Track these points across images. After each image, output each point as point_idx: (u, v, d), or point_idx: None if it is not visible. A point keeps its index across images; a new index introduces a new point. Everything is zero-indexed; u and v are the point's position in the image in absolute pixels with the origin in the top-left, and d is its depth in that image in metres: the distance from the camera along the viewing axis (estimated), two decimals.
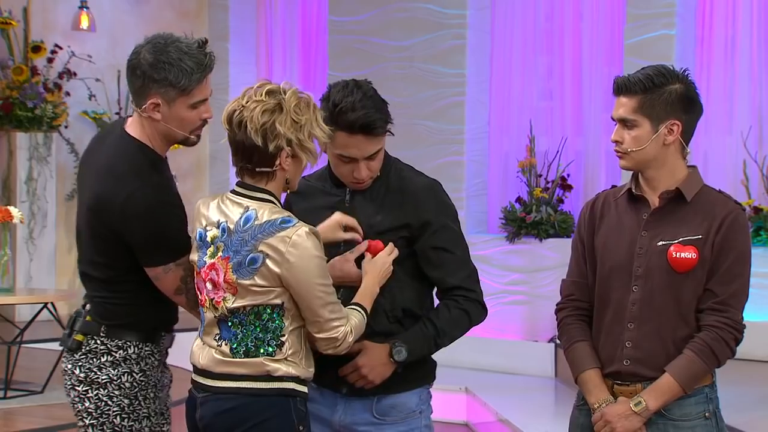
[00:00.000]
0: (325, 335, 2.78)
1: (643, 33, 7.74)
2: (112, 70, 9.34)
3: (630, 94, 2.94)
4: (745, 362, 6.97)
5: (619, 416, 2.89)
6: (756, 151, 7.63)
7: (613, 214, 3.02)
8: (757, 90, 7.85)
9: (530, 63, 8.76)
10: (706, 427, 2.94)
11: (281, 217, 2.74)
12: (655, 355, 2.91)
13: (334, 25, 9.25)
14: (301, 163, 2.80)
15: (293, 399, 2.79)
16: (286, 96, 2.74)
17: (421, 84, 8.73)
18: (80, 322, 3.00)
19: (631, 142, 2.94)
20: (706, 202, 2.96)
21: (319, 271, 2.75)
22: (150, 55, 2.90)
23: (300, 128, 2.74)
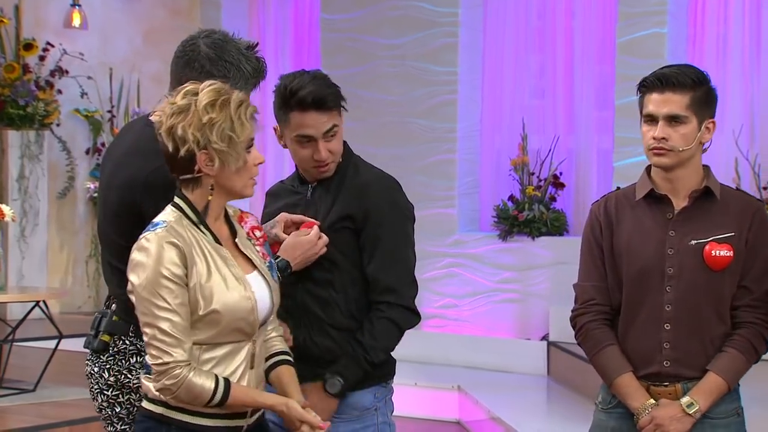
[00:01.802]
0: (147, 359, 2.55)
1: (634, 31, 7.75)
2: (104, 67, 9.33)
3: (680, 89, 2.88)
4: None
5: (671, 419, 2.86)
6: (747, 149, 7.64)
7: (630, 215, 2.98)
8: (748, 88, 7.86)
9: (522, 61, 8.77)
10: (738, 424, 2.96)
11: (158, 220, 2.56)
12: (695, 354, 2.89)
13: (326, 23, 9.24)
14: (220, 166, 2.55)
15: (166, 426, 2.57)
16: (199, 95, 2.54)
17: (413, 82, 8.73)
18: (106, 322, 2.91)
19: (680, 140, 2.90)
20: (731, 199, 2.96)
21: (153, 288, 2.48)
22: (210, 50, 2.87)
23: (210, 128, 2.52)
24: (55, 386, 6.35)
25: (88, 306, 9.27)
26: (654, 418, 2.87)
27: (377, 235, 3.05)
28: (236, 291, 2.60)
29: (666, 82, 2.87)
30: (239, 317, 2.59)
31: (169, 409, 2.57)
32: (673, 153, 2.90)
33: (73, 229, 9.36)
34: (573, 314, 3.06)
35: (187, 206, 2.60)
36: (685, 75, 2.89)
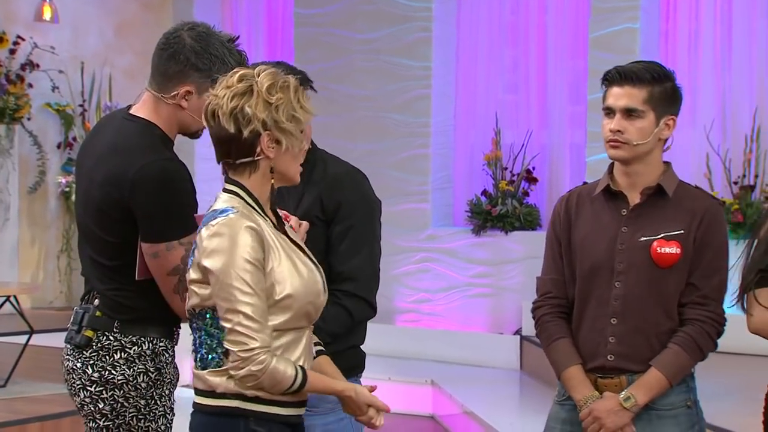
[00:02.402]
0: (230, 347, 2.48)
1: (607, 26, 7.78)
2: (75, 61, 9.26)
3: (639, 83, 2.91)
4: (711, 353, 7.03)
5: (608, 412, 2.89)
6: (719, 145, 7.69)
7: (589, 211, 3.02)
8: (720, 83, 7.91)
9: (496, 56, 8.78)
10: (688, 415, 2.98)
11: (223, 207, 2.53)
12: (639, 349, 2.92)
13: (300, 17, 9.22)
14: (283, 148, 2.55)
15: (244, 419, 2.54)
16: (258, 78, 2.53)
17: (386, 76, 8.73)
18: (89, 318, 2.88)
19: (636, 134, 2.92)
20: (685, 197, 2.98)
21: (238, 273, 2.45)
22: (195, 42, 2.85)
23: (275, 109, 2.52)
24: (26, 382, 6.30)
25: (59, 301, 9.21)
26: (592, 410, 2.91)
27: (346, 226, 3.05)
28: (306, 275, 2.59)
29: (626, 76, 2.91)
30: (309, 301, 2.59)
31: (246, 401, 2.52)
32: (628, 146, 2.92)
33: (45, 224, 9.30)
34: (532, 307, 3.11)
35: (245, 192, 2.57)
36: (646, 70, 2.92)
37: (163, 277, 2.83)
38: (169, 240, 2.80)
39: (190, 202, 2.85)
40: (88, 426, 2.92)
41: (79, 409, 2.94)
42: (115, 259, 2.87)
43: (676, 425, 2.95)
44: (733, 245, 8.24)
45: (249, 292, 2.47)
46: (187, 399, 6.44)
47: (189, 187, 2.86)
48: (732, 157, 7.65)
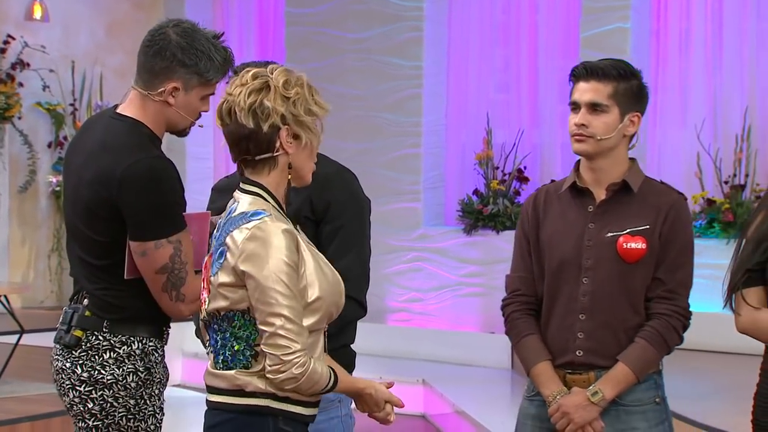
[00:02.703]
0: (270, 351, 2.46)
1: (598, 26, 7.79)
2: (65, 60, 9.25)
3: (604, 79, 2.94)
4: (698, 353, 7.05)
5: (576, 407, 2.91)
6: (710, 144, 7.71)
7: (557, 208, 3.04)
8: (711, 83, 7.93)
9: (487, 55, 8.79)
10: (656, 411, 2.99)
11: (254, 210, 2.52)
12: (608, 344, 2.95)
13: (291, 16, 9.22)
14: (302, 143, 2.57)
15: (273, 418, 2.53)
16: (273, 75, 2.54)
17: (378, 76, 8.73)
18: (78, 317, 2.88)
19: (600, 128, 2.95)
20: (650, 193, 3.00)
21: (278, 275, 2.45)
22: (181, 38, 2.85)
23: (293, 103, 2.54)
24: (16, 381, 6.29)
25: (50, 301, 9.19)
26: (561, 405, 2.93)
27: (336, 226, 3.05)
28: (330, 276, 2.60)
29: (592, 72, 2.94)
30: (334, 302, 2.60)
31: (276, 400, 2.52)
32: (592, 140, 2.94)
33: (35, 224, 9.28)
34: (501, 305, 3.12)
35: (266, 193, 2.57)
36: (612, 67, 2.95)
37: (151, 276, 2.83)
38: (157, 238, 2.79)
39: (179, 200, 2.85)
40: (77, 426, 2.91)
41: (68, 410, 2.93)
42: (103, 258, 2.87)
43: (645, 421, 2.97)
44: (723, 245, 8.29)
45: (289, 295, 2.47)
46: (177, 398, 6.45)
47: (177, 185, 2.85)
48: (723, 156, 7.66)
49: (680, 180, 7.97)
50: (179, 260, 2.83)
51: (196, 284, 2.83)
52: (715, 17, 7.91)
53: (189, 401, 7.05)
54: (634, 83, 2.96)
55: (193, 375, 7.75)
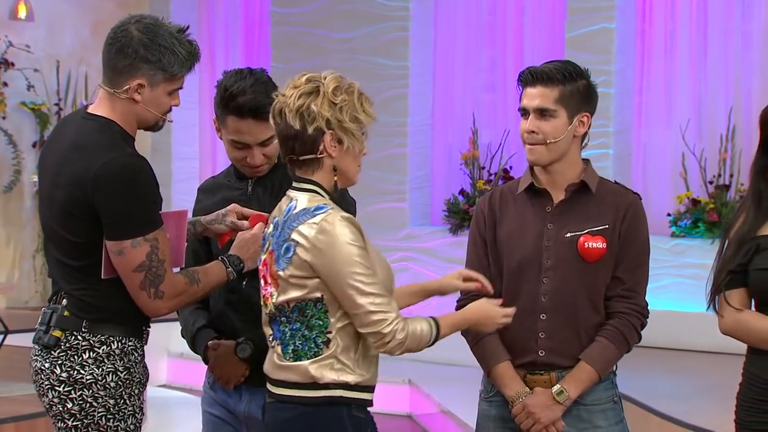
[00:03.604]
0: (369, 330, 2.62)
1: (583, 26, 7.81)
2: (50, 60, 9.21)
3: (550, 83, 2.96)
4: (683, 352, 7.08)
5: (542, 407, 2.94)
6: (695, 144, 7.73)
7: (513, 209, 3.07)
8: (696, 83, 7.95)
9: (473, 55, 8.80)
10: (615, 410, 3.04)
11: (316, 205, 2.66)
12: (569, 344, 2.98)
13: (277, 16, 9.21)
14: (344, 148, 2.70)
15: (347, 407, 2.67)
16: (325, 81, 2.69)
17: (364, 76, 8.71)
18: (57, 318, 2.88)
19: (550, 132, 2.98)
20: (607, 193, 3.03)
21: (354, 260, 2.60)
22: (143, 34, 2.84)
23: (339, 109, 2.67)
24: (1, 382, 6.27)
25: (35, 301, 9.16)
26: (526, 406, 2.95)
27: None
28: (384, 263, 2.76)
29: (537, 77, 2.97)
30: (389, 288, 2.74)
31: (348, 389, 2.66)
32: (543, 147, 2.98)
33: (20, 224, 9.24)
34: (456, 305, 3.15)
35: (321, 189, 2.71)
36: (557, 70, 2.97)
37: (128, 275, 2.82)
38: (133, 237, 2.79)
39: (154, 198, 2.85)
40: (56, 426, 2.91)
41: (47, 410, 2.93)
42: (80, 259, 2.86)
43: (605, 419, 3.01)
44: (708, 245, 8.29)
45: (368, 273, 2.62)
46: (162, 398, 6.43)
47: (152, 183, 2.85)
48: (707, 156, 7.69)
49: (666, 180, 8.00)
50: (156, 258, 2.82)
51: (175, 281, 2.85)
52: (699, 18, 7.94)
53: (174, 401, 7.03)
54: (581, 84, 2.98)
55: (178, 375, 7.73)
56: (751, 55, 7.74)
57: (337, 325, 2.66)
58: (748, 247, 2.84)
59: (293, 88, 2.69)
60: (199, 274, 2.93)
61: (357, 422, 2.69)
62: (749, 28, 7.75)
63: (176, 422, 6.64)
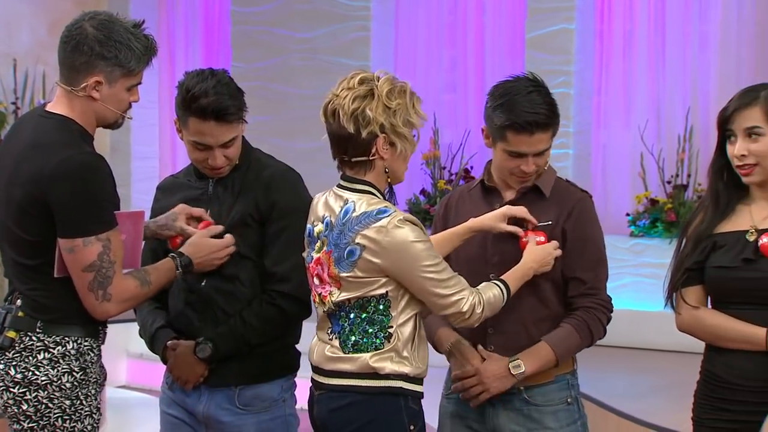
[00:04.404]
0: (450, 311, 2.74)
1: (543, 27, 7.85)
2: (7, 59, 9.12)
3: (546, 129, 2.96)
4: (641, 351, 7.14)
5: (495, 376, 2.95)
6: (653, 144, 7.80)
7: (468, 206, 3.11)
8: (654, 84, 8.02)
9: (434, 55, 8.82)
10: (568, 411, 3.04)
11: (378, 208, 2.70)
12: (517, 338, 3.00)
13: (237, 15, 9.18)
14: (397, 151, 2.74)
15: (404, 398, 2.74)
16: (378, 83, 2.72)
17: (325, 76, 8.70)
18: (11, 319, 2.85)
19: (543, 163, 3.02)
20: (556, 191, 3.07)
21: (422, 254, 2.68)
22: (98, 31, 2.82)
23: (393, 113, 2.70)
24: None
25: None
26: (479, 371, 2.96)
27: (280, 227, 3.07)
28: None
29: (537, 126, 2.93)
30: None
31: (407, 381, 2.74)
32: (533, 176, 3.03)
33: None
34: None
35: (377, 191, 2.76)
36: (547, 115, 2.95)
37: (78, 273, 2.80)
38: (86, 235, 2.77)
39: (109, 198, 2.82)
40: (12, 428, 2.89)
41: (3, 412, 2.90)
42: (35, 258, 2.84)
43: (555, 421, 3.02)
44: (666, 244, 8.36)
45: (437, 261, 2.71)
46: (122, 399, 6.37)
47: (108, 182, 2.82)
48: (666, 156, 7.76)
49: (625, 180, 8.06)
50: (107, 259, 2.79)
51: (124, 285, 2.83)
52: (657, 19, 8.01)
53: (134, 402, 6.99)
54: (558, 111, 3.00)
55: (138, 376, 7.68)
56: (708, 56, 7.82)
57: (398, 320, 2.73)
58: (705, 245, 2.87)
59: (347, 90, 2.72)
60: (151, 276, 2.91)
61: (412, 413, 2.75)
62: (707, 29, 7.83)
63: (135, 423, 6.60)
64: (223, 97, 2.98)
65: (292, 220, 3.04)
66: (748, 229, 2.84)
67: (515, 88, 2.96)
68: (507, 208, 3.00)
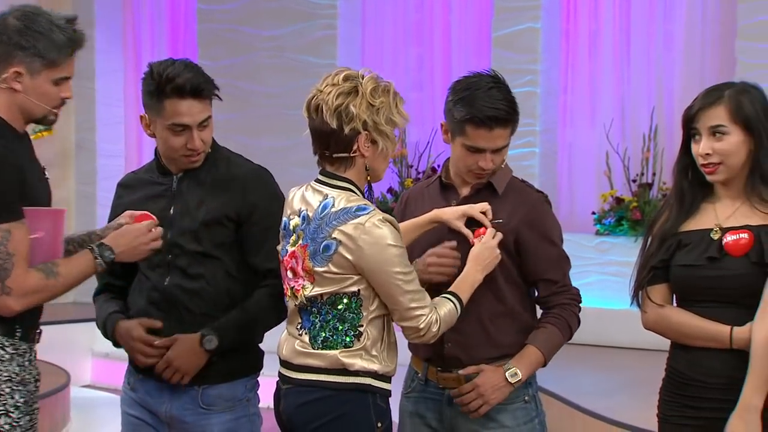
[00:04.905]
0: (407, 324, 2.75)
1: (510, 26, 7.87)
2: None
3: (506, 125, 2.99)
4: (606, 349, 7.17)
5: (493, 388, 2.96)
6: (618, 143, 7.84)
7: (427, 201, 3.13)
8: (619, 83, 8.06)
9: (401, 54, 8.82)
10: (526, 410, 3.07)
11: (357, 205, 2.71)
12: (474, 335, 3.02)
13: (203, 13, 9.13)
14: (378, 149, 2.76)
15: (372, 395, 2.76)
16: (363, 80, 2.74)
17: (291, 74, 8.69)
18: None
19: (500, 162, 3.04)
20: (512, 190, 3.09)
21: (396, 259, 2.69)
22: (18, 21, 2.78)
23: (376, 111, 2.72)
24: None
25: None
26: (477, 386, 2.96)
27: (265, 227, 3.06)
28: None
29: (497, 122, 2.96)
30: None
31: (376, 379, 2.76)
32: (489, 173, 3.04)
33: None
34: None
35: (355, 188, 2.77)
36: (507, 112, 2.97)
37: None
38: None
39: (11, 189, 2.74)
40: None
41: None
42: None
43: (513, 419, 3.04)
44: (631, 242, 8.40)
45: (407, 272, 2.72)
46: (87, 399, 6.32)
47: (12, 174, 2.74)
48: (631, 155, 7.80)
49: (590, 178, 8.10)
50: (4, 250, 2.72)
51: (26, 277, 2.75)
52: (623, 19, 8.05)
53: (99, 402, 6.95)
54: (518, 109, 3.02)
55: (103, 375, 7.63)
56: (673, 55, 7.87)
57: (368, 318, 2.74)
58: (670, 244, 2.89)
59: (332, 86, 2.74)
60: (59, 267, 2.83)
61: (380, 410, 2.77)
62: (671, 29, 7.88)
63: (100, 423, 6.55)
64: (198, 75, 3.01)
65: (274, 220, 3.04)
66: (713, 228, 2.86)
67: (476, 83, 2.98)
68: (468, 207, 3.01)
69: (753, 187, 2.83)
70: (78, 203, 9.35)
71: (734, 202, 2.87)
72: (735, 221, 2.84)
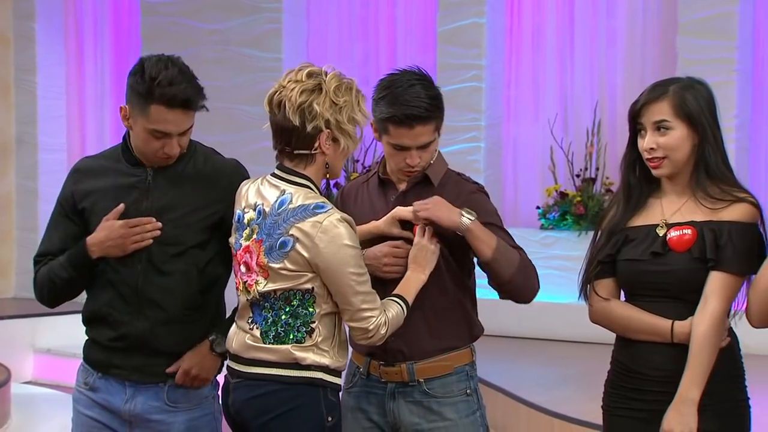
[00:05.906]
0: (356, 324, 2.76)
1: (454, 21, 7.90)
2: None
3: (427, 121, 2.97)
4: (550, 342, 7.23)
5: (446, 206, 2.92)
6: (562, 138, 7.90)
7: (366, 197, 3.13)
8: (562, 78, 8.13)
9: (346, 49, 8.81)
10: (468, 403, 3.08)
11: (315, 203, 2.72)
12: (416, 328, 3.00)
13: (147, 6, 9.05)
14: (340, 147, 2.77)
15: (323, 389, 2.77)
16: (326, 78, 2.74)
17: (236, 68, 8.65)
18: None
19: (428, 157, 3.03)
20: (449, 183, 3.08)
21: (351, 260, 2.71)
22: None
23: (339, 110, 2.73)
24: None
25: None
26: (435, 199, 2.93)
27: None
28: None
29: (416, 120, 2.94)
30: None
31: (328, 373, 2.78)
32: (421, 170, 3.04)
33: None
34: None
35: (314, 186, 2.77)
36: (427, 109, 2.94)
37: None
38: None
39: None
40: None
41: None
42: None
43: (455, 412, 3.05)
44: (575, 237, 8.47)
45: (361, 273, 2.74)
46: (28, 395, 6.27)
47: None
48: (575, 150, 7.87)
49: (535, 173, 8.15)
50: None
51: None
52: (566, 15, 8.12)
53: (41, 398, 6.86)
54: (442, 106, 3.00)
55: (44, 371, 7.54)
56: (615, 51, 7.95)
57: (320, 315, 2.76)
58: (617, 238, 2.92)
59: (295, 82, 2.73)
60: None
61: (330, 405, 2.78)
62: (613, 24, 7.96)
63: (42, 419, 6.47)
64: (190, 86, 2.95)
65: None
66: (659, 223, 2.89)
67: (398, 80, 2.98)
68: (395, 211, 3.00)
69: (698, 182, 2.85)
70: (19, 198, 9.23)
71: (680, 197, 2.90)
72: (680, 217, 2.87)
